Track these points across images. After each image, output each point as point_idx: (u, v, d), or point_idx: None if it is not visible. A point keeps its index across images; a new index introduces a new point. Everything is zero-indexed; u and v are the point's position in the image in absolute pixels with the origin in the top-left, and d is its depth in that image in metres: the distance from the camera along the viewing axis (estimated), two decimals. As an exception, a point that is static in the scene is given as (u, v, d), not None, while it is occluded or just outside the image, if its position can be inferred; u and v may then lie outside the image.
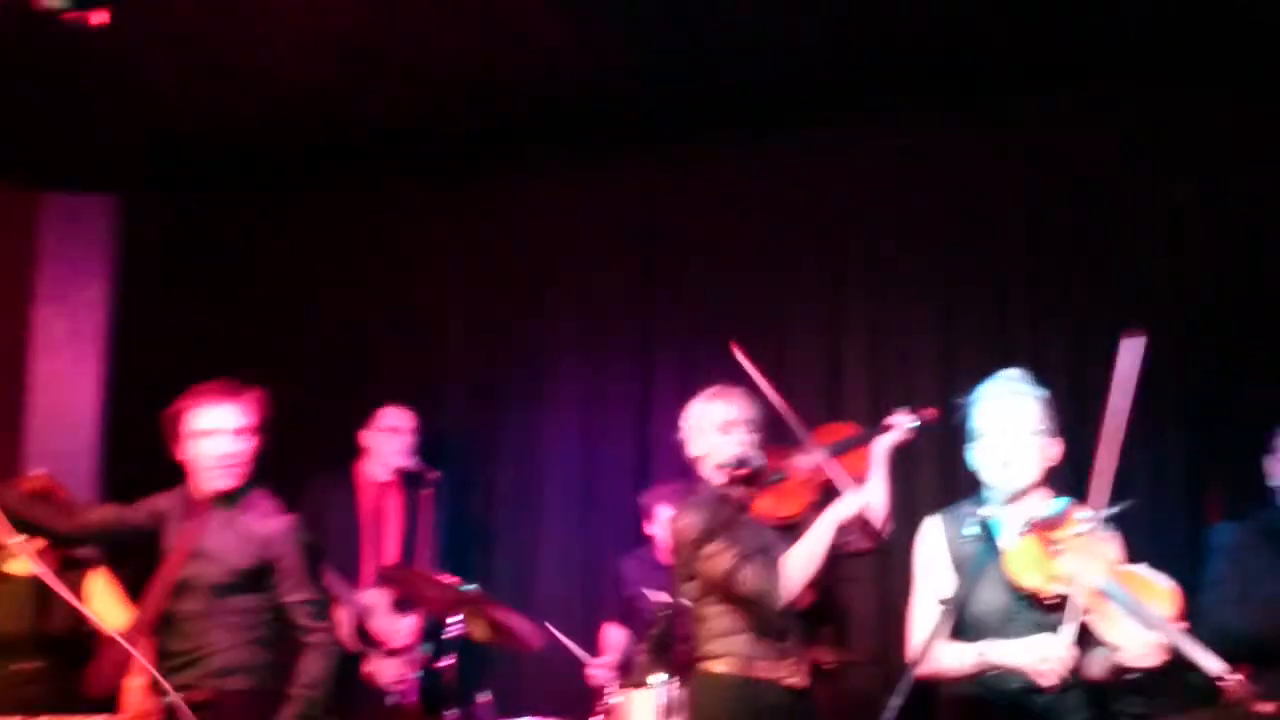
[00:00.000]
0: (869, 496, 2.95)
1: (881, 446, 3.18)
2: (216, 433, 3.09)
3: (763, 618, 3.00)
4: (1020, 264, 4.21)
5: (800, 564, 3.01)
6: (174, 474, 3.16)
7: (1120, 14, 3.76)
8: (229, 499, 3.12)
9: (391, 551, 4.37)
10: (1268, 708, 2.39)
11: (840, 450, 3.21)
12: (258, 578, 3.09)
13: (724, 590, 3.05)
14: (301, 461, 4.61)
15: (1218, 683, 2.39)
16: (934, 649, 2.47)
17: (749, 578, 2.99)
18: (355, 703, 4.14)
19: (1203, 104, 3.97)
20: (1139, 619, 2.49)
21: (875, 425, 3.30)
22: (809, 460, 3.17)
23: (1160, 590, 2.56)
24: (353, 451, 4.48)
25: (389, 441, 4.39)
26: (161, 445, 3.12)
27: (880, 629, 4.06)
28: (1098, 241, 4.10)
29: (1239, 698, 2.40)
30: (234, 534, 3.09)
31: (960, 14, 3.81)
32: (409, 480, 4.35)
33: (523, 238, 4.88)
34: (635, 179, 4.70)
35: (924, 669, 2.51)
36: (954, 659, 2.64)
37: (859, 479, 3.17)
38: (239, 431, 3.11)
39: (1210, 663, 2.41)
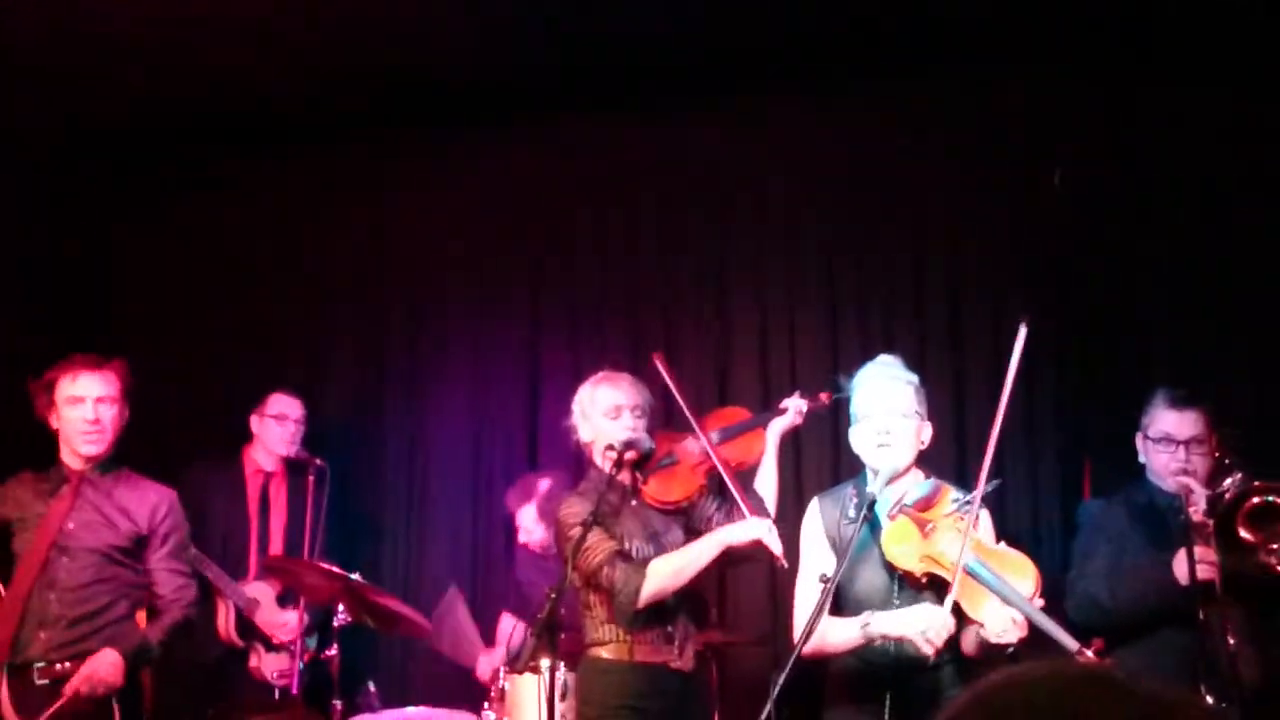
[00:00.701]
0: (765, 533, 2.94)
1: (774, 431, 3.20)
2: (84, 399, 3.32)
3: (621, 612, 3.02)
4: (907, 249, 4.28)
5: (670, 573, 3.01)
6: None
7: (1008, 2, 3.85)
8: (102, 467, 3.34)
9: (277, 542, 4.31)
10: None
11: (731, 435, 3.22)
12: (133, 549, 3.29)
13: (592, 583, 3.07)
14: (187, 445, 4.54)
15: (1074, 656, 2.47)
16: (817, 626, 2.52)
17: (614, 576, 3.00)
18: (240, 697, 4.08)
19: (1085, 90, 4.08)
20: (1002, 596, 2.58)
21: (767, 410, 3.32)
22: (700, 445, 3.18)
23: (1023, 568, 2.66)
24: (240, 437, 4.39)
25: (276, 429, 4.32)
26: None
27: (769, 610, 4.11)
28: (980, 227, 4.19)
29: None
30: (111, 505, 3.30)
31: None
32: (295, 469, 4.28)
33: (409, 224, 4.82)
34: (521, 162, 4.68)
35: (809, 647, 2.56)
36: (839, 634, 2.71)
37: (751, 463, 3.20)
38: (105, 399, 3.34)
39: (1065, 639, 2.53)
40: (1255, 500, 2.93)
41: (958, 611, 2.64)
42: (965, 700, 0.83)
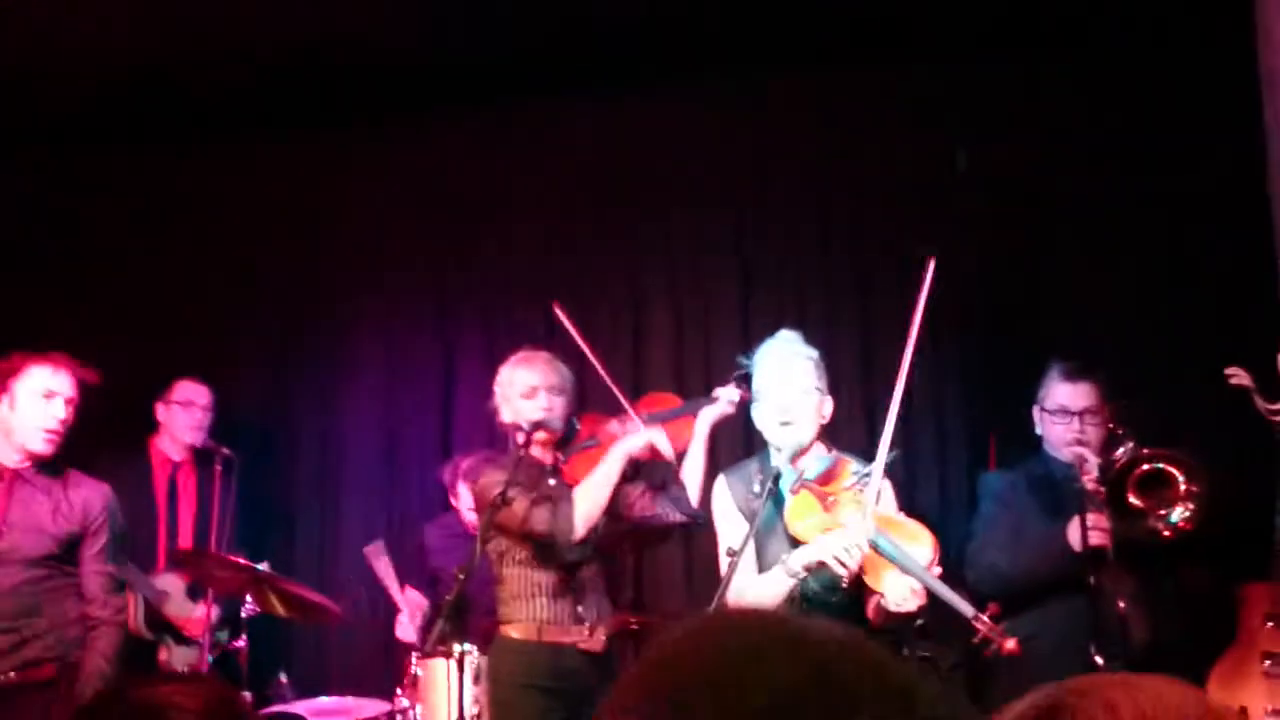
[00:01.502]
0: (655, 436, 2.99)
1: (705, 419, 3.18)
2: (57, 395, 3.20)
3: (559, 556, 3.04)
4: (811, 231, 4.37)
5: (589, 496, 3.04)
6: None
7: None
8: (48, 466, 3.21)
9: (186, 533, 4.27)
10: (1011, 644, 2.58)
11: (660, 420, 3.23)
12: (72, 547, 3.17)
13: (520, 535, 3.07)
14: (91, 435, 4.45)
15: (971, 623, 2.60)
16: (730, 595, 2.59)
17: (541, 518, 3.02)
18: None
19: (988, 69, 4.19)
20: (901, 566, 2.67)
21: (698, 397, 3.33)
22: (626, 428, 3.19)
23: (920, 538, 2.75)
24: (147, 426, 4.34)
25: (182, 416, 4.27)
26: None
27: (686, 588, 4.17)
28: (885, 208, 4.28)
29: (986, 636, 2.60)
30: (50, 502, 3.17)
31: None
32: (203, 459, 4.25)
33: (319, 208, 4.79)
34: (433, 147, 4.67)
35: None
36: (765, 589, 2.77)
37: (678, 450, 3.19)
38: (72, 400, 3.24)
39: (962, 606, 2.63)
40: (1145, 467, 3.05)
41: (860, 583, 2.72)
42: (645, 664, 0.81)
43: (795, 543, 2.82)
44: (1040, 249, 4.14)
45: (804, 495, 2.81)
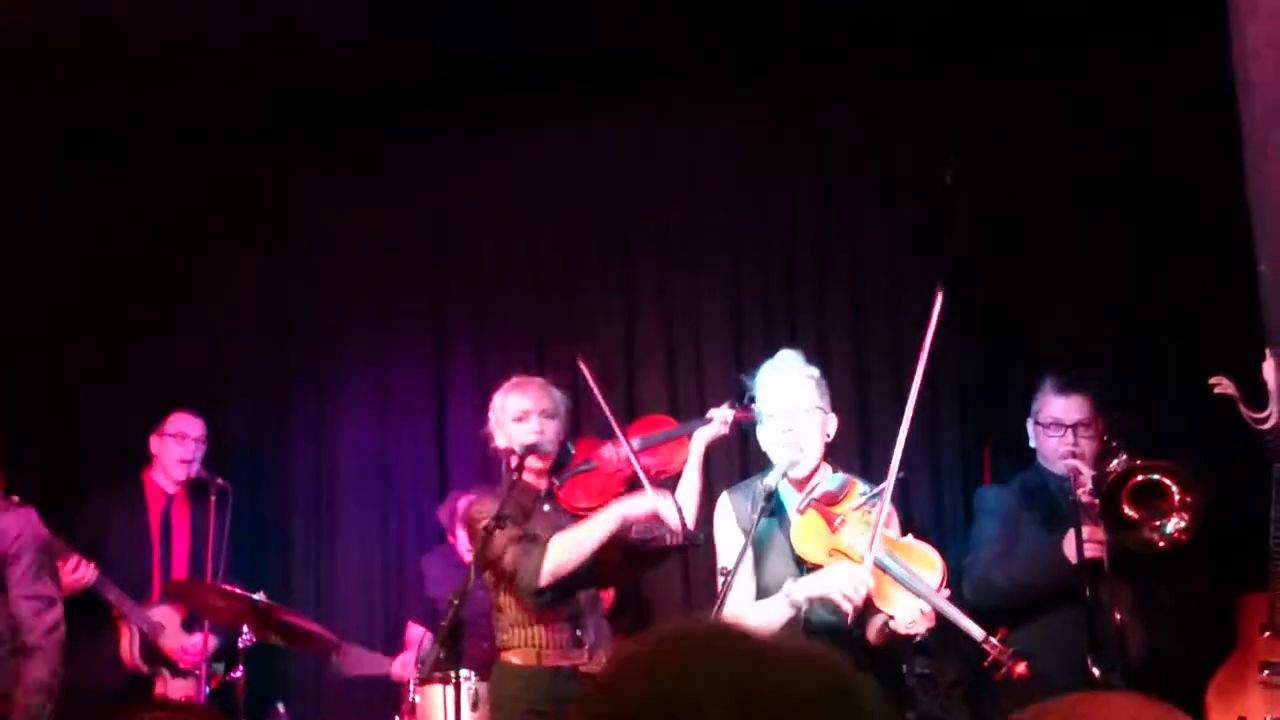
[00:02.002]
0: (661, 504, 2.96)
1: (699, 441, 3.18)
2: None
3: (525, 591, 3.03)
4: (806, 245, 4.38)
5: (568, 548, 3.02)
6: None
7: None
8: None
9: (181, 565, 4.27)
10: (1022, 668, 2.58)
11: (654, 443, 3.23)
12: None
13: (497, 570, 3.07)
14: (85, 471, 4.47)
15: (981, 646, 2.61)
16: (727, 616, 2.58)
17: (516, 555, 3.01)
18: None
19: (976, 79, 4.23)
20: (910, 588, 2.67)
21: (693, 419, 3.32)
22: (619, 451, 3.19)
23: (929, 560, 2.76)
24: (141, 459, 4.35)
25: (175, 448, 4.28)
26: None
27: (686, 609, 4.15)
28: (880, 225, 4.30)
29: (996, 659, 2.61)
30: None
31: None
32: (197, 490, 4.26)
33: (312, 232, 4.80)
34: (422, 171, 4.69)
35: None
36: (764, 614, 2.75)
37: (672, 472, 3.20)
38: None
39: (972, 629, 2.63)
40: (1138, 478, 3.06)
41: (866, 603, 2.71)
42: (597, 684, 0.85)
43: (800, 563, 2.82)
44: (1032, 259, 4.15)
45: (811, 515, 2.81)
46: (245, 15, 3.89)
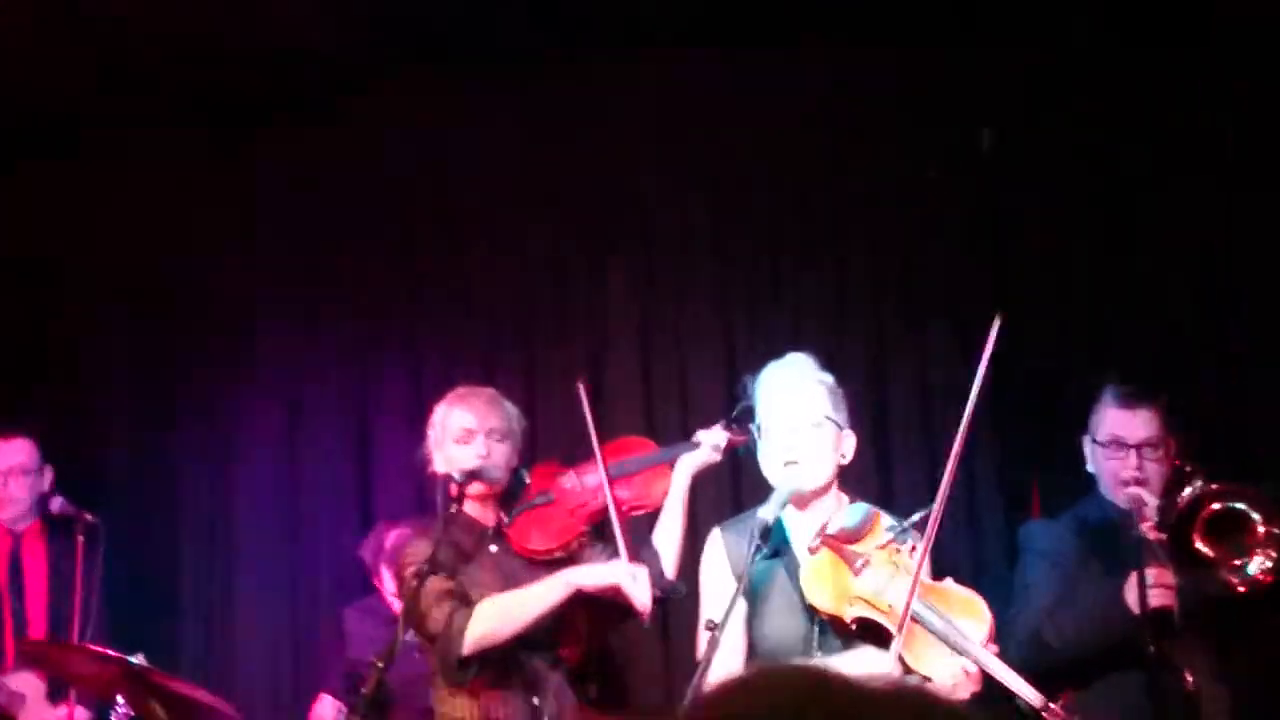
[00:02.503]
0: (625, 579, 2.73)
1: (684, 469, 2.98)
2: None
3: (444, 661, 2.85)
4: (824, 248, 4.17)
5: (500, 615, 2.83)
6: None
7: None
8: None
9: (39, 621, 4.02)
10: None
11: (628, 471, 3.03)
12: None
13: (420, 630, 2.90)
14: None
15: (1040, 713, 2.45)
16: (712, 681, 2.44)
17: (438, 617, 2.83)
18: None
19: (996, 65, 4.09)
20: (950, 643, 2.51)
21: (677, 442, 3.12)
22: (582, 482, 2.99)
23: (973, 609, 2.60)
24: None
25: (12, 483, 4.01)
26: None
27: (665, 678, 3.89)
28: (905, 224, 4.10)
29: (1062, 729, 2.55)
30: None
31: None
32: (56, 527, 3.99)
33: (202, 223, 4.50)
34: (340, 163, 4.41)
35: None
36: None
37: (650, 506, 3.00)
38: None
39: (1028, 693, 2.46)
40: (1214, 507, 2.87)
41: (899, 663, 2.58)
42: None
43: (812, 615, 2.61)
44: (1076, 284, 4.00)
45: (825, 556, 2.62)
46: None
